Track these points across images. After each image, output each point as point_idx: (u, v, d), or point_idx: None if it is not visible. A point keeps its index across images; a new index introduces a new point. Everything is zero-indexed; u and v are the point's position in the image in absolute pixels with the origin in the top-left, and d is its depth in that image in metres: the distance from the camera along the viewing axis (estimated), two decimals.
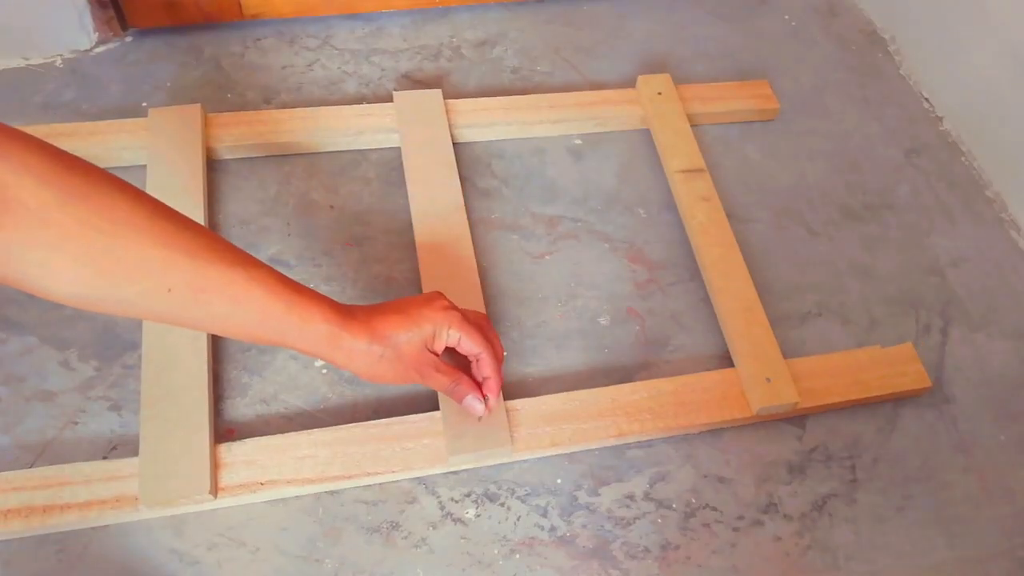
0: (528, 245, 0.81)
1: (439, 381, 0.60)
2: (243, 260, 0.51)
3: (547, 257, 0.81)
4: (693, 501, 0.67)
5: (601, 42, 1.01)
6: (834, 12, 1.09)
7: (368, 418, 0.69)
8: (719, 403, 0.70)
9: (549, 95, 0.90)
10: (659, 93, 0.90)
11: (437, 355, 0.60)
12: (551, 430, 0.67)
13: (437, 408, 0.67)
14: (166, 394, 0.64)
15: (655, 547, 0.65)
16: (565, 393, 0.69)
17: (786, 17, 1.07)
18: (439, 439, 0.65)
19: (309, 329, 0.54)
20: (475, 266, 0.75)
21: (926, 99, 0.99)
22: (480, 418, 0.65)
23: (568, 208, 0.84)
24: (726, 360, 0.74)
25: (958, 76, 0.95)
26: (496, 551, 0.63)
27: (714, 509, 0.67)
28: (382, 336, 0.56)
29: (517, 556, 0.63)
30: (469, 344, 0.60)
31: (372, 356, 0.56)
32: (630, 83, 0.95)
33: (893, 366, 0.73)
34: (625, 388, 0.70)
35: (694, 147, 0.86)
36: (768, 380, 0.70)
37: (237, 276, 0.50)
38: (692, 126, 0.89)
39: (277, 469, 0.63)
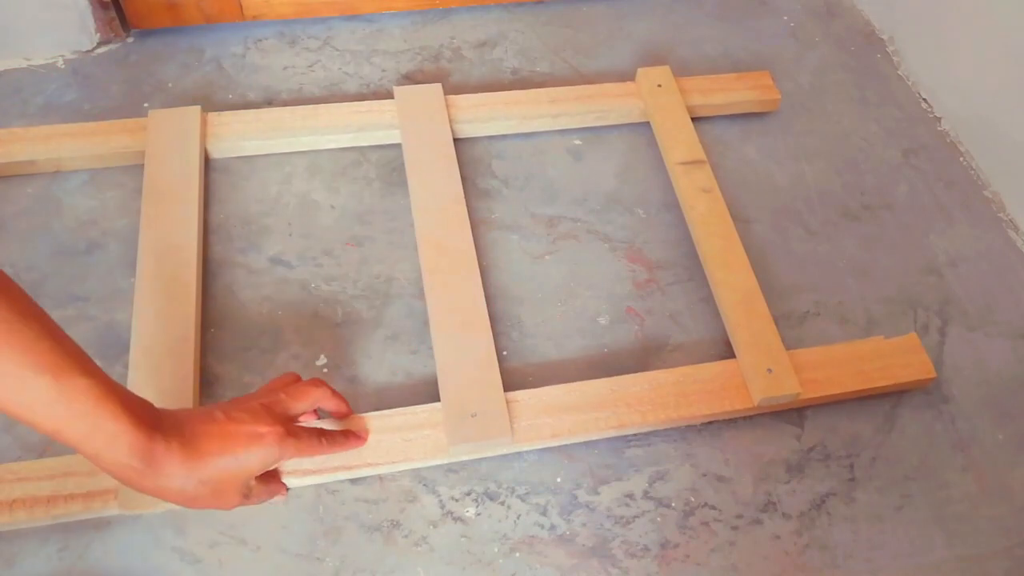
0: (528, 245, 0.81)
1: (260, 491, 0.57)
2: (68, 373, 0.44)
3: (547, 257, 0.81)
4: (692, 500, 0.67)
5: (600, 43, 1.02)
6: (833, 13, 1.09)
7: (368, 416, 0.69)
8: (720, 394, 0.69)
9: (549, 89, 0.90)
10: (659, 85, 0.90)
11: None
12: (551, 421, 0.67)
13: (437, 399, 0.67)
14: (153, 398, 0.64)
15: (654, 545, 0.65)
16: (565, 384, 0.69)
17: (785, 18, 1.08)
18: (439, 430, 0.65)
19: (106, 438, 0.46)
20: (475, 257, 0.75)
21: (924, 99, 1.00)
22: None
23: (568, 208, 0.85)
24: (725, 359, 0.75)
25: (956, 76, 0.95)
26: (496, 549, 0.63)
27: (713, 508, 0.67)
28: (202, 463, 0.50)
29: (517, 554, 0.63)
30: (331, 405, 0.62)
31: (189, 483, 0.50)
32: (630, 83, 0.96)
33: (897, 356, 0.73)
34: (626, 379, 0.70)
35: (694, 139, 0.86)
36: (769, 371, 0.69)
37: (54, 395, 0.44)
38: (693, 119, 0.89)
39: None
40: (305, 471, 0.63)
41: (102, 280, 0.75)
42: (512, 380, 0.72)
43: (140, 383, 0.65)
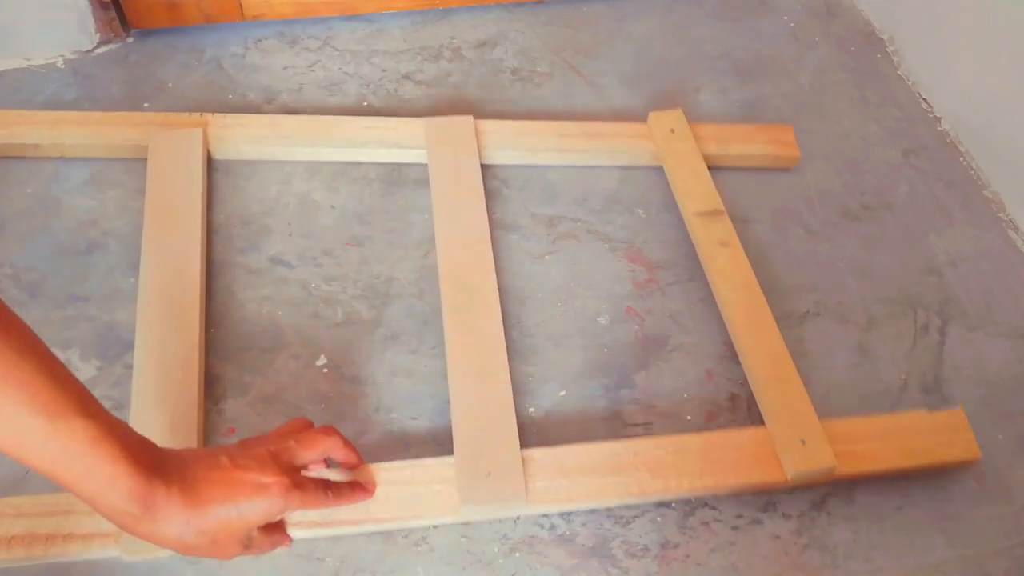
0: (528, 245, 0.81)
1: (263, 541, 0.55)
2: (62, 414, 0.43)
3: (547, 257, 0.81)
4: (692, 499, 0.67)
5: (600, 43, 1.02)
6: (832, 13, 1.09)
7: (368, 416, 0.69)
8: (749, 464, 0.66)
9: (567, 123, 0.87)
10: (672, 130, 0.86)
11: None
12: (568, 483, 0.64)
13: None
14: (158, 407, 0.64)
15: (654, 545, 0.65)
16: (584, 444, 0.66)
17: (785, 18, 1.08)
18: (451, 486, 0.63)
19: (104, 482, 0.45)
20: (498, 301, 0.73)
21: (924, 99, 1.00)
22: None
23: (568, 208, 0.85)
24: (724, 360, 0.75)
25: (956, 76, 0.95)
26: (496, 549, 0.63)
27: (713, 508, 0.67)
28: (217, 512, 0.49)
29: (517, 554, 0.63)
30: (341, 457, 0.59)
31: (188, 531, 0.48)
32: (629, 84, 0.96)
33: (940, 433, 0.68)
34: (649, 442, 0.66)
35: (711, 188, 0.82)
36: (803, 442, 0.66)
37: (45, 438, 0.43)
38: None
39: None
40: (311, 523, 0.60)
41: (102, 280, 0.75)
42: (513, 381, 0.72)
43: (145, 390, 0.65)
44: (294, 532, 0.60)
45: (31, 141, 0.80)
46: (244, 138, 0.83)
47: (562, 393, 0.72)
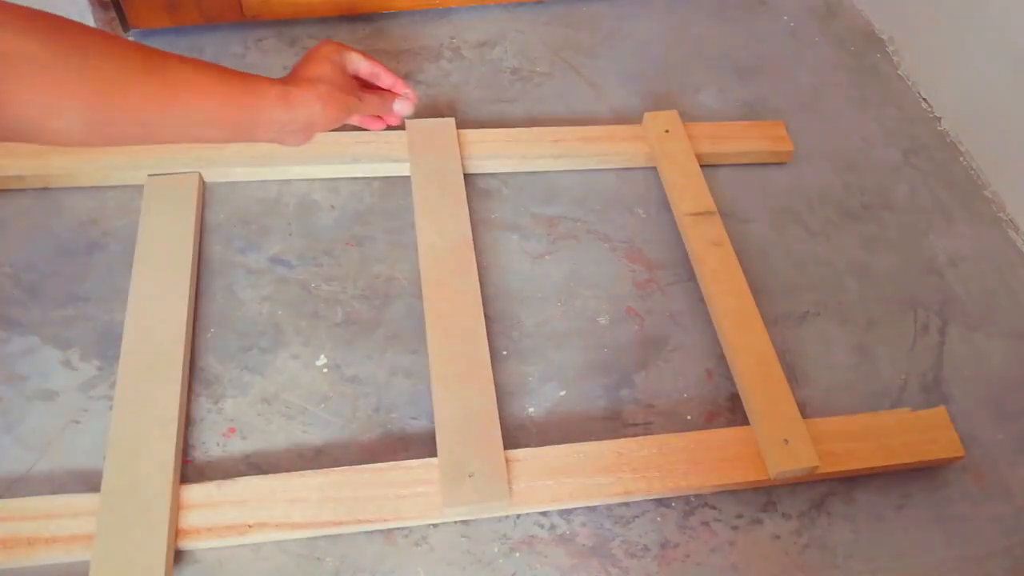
0: (528, 245, 0.81)
1: (370, 99, 0.68)
2: (196, 67, 0.58)
3: (547, 257, 0.81)
4: (692, 499, 0.67)
5: (600, 43, 1.02)
6: (832, 13, 1.09)
7: (368, 416, 0.69)
8: (732, 463, 0.66)
9: (562, 128, 0.87)
10: (667, 131, 0.86)
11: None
12: (552, 484, 0.64)
13: (434, 444, 0.65)
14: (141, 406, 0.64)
15: (654, 545, 0.65)
16: (569, 445, 0.66)
17: (785, 18, 1.08)
18: (434, 488, 0.63)
19: (265, 100, 0.60)
20: (480, 304, 0.73)
21: (924, 99, 1.00)
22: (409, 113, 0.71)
23: (568, 208, 0.85)
24: (724, 360, 0.75)
25: (956, 76, 0.95)
26: (496, 549, 0.63)
27: (713, 508, 0.67)
28: (317, 79, 0.64)
29: (517, 554, 0.63)
30: (367, 64, 0.68)
31: (322, 96, 0.63)
32: (629, 84, 0.95)
33: (923, 431, 0.69)
34: (632, 442, 0.67)
35: (704, 189, 0.82)
36: (786, 442, 0.66)
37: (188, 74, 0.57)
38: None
39: (267, 512, 0.61)
40: (294, 524, 0.61)
41: (102, 280, 0.75)
42: (512, 381, 0.72)
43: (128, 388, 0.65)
44: (291, 533, 0.61)
45: (14, 173, 0.77)
46: (233, 162, 0.81)
47: (562, 393, 0.72)
